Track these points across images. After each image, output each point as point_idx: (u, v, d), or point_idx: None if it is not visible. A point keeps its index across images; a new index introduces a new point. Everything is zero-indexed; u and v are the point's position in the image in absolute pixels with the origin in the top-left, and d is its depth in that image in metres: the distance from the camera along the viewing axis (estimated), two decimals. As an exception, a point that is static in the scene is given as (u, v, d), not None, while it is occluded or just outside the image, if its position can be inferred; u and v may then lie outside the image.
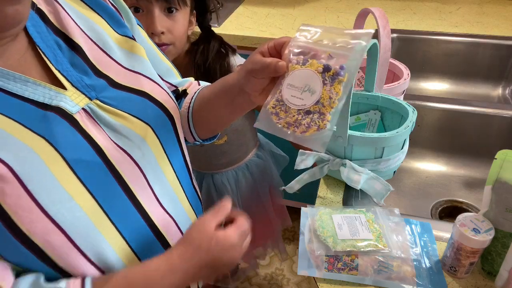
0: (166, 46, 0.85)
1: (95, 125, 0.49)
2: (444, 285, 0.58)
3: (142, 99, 0.55)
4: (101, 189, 0.47)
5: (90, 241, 0.46)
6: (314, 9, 1.57)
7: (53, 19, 0.50)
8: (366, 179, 0.71)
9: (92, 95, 0.49)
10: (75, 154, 0.45)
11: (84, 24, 0.53)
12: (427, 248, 0.64)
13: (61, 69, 0.48)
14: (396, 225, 0.66)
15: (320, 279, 0.61)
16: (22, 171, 0.41)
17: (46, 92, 0.46)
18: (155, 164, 0.55)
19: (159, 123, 0.56)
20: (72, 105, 0.47)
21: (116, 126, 0.50)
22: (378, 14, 0.80)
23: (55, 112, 0.45)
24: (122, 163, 0.50)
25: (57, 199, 0.43)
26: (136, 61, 0.57)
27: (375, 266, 0.59)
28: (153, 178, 0.54)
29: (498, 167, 0.56)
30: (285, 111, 0.47)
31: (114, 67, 0.54)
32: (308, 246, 0.64)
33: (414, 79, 1.33)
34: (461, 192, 0.97)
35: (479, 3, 1.54)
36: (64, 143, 0.45)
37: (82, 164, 0.46)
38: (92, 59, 0.52)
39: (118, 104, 0.51)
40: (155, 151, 0.55)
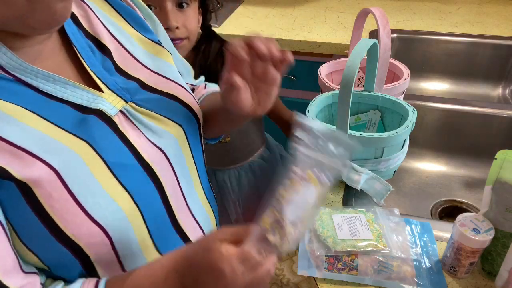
0: (181, 41, 0.87)
1: (133, 127, 0.50)
2: (444, 285, 0.58)
3: (174, 103, 0.56)
4: (139, 192, 0.48)
5: (128, 243, 0.47)
6: (314, 9, 1.57)
7: (84, 22, 0.51)
8: (366, 179, 0.71)
9: (127, 97, 0.50)
10: (115, 157, 0.46)
11: (112, 27, 0.54)
12: (427, 248, 0.64)
13: (96, 71, 0.48)
14: (396, 225, 0.66)
15: (320, 279, 0.61)
16: (67, 175, 0.41)
17: (84, 94, 0.46)
18: (184, 163, 0.56)
19: (189, 124, 0.58)
20: (110, 108, 0.47)
21: (152, 127, 0.51)
22: (378, 14, 0.80)
23: (94, 115, 0.46)
24: (158, 163, 0.51)
25: (101, 202, 0.43)
26: (163, 66, 0.58)
27: (375, 266, 0.59)
28: (181, 176, 0.55)
29: (498, 167, 0.56)
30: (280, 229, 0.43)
31: (143, 71, 0.54)
32: (308, 246, 0.64)
33: (414, 79, 1.34)
34: (461, 192, 0.97)
35: (479, 3, 1.54)
36: (105, 146, 0.45)
37: (122, 167, 0.46)
38: (120, 63, 0.52)
39: (151, 106, 0.52)
40: (184, 150, 0.57)
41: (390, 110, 0.81)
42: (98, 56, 0.50)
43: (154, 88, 0.54)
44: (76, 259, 0.44)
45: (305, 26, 1.41)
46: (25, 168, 0.39)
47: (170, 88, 0.56)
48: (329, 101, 0.83)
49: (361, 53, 0.66)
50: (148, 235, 0.50)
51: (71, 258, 0.43)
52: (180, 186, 0.55)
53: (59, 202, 0.40)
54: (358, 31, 0.94)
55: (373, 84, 0.80)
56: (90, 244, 0.43)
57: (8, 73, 0.42)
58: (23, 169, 0.39)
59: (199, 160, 0.61)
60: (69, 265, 0.44)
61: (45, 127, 0.42)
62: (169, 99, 0.55)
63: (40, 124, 0.42)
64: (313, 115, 0.76)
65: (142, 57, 0.56)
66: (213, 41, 0.97)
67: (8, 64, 0.41)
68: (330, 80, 0.98)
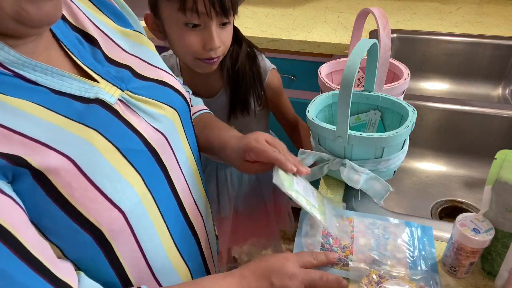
0: (218, 58, 0.83)
1: (134, 114, 0.51)
2: (439, 282, 0.58)
3: (166, 88, 0.58)
4: (150, 175, 0.50)
5: (145, 227, 0.49)
6: (314, 9, 1.57)
7: (69, 16, 0.51)
8: (366, 179, 0.71)
9: (123, 86, 0.51)
10: (125, 143, 0.47)
11: (95, 20, 0.54)
12: (425, 250, 0.63)
13: (88, 63, 0.49)
14: (395, 227, 0.66)
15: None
16: (84, 163, 0.42)
17: (82, 85, 0.46)
18: (181, 146, 0.60)
19: (182, 109, 0.61)
20: (109, 96, 0.48)
21: (150, 113, 0.53)
22: (378, 14, 0.80)
23: (96, 104, 0.47)
24: (161, 147, 0.53)
25: (118, 187, 0.44)
26: (148, 54, 0.59)
27: (369, 262, 0.60)
28: (180, 159, 0.59)
29: (498, 167, 0.56)
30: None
31: (130, 59, 0.56)
32: (304, 240, 0.64)
33: (414, 79, 1.34)
34: (461, 192, 0.97)
35: (479, 3, 1.54)
36: (114, 133, 0.46)
37: (133, 152, 0.48)
38: (108, 52, 0.53)
39: (146, 93, 0.54)
40: (180, 133, 0.60)
41: (390, 110, 0.81)
42: (87, 48, 0.51)
43: (144, 76, 0.56)
44: (99, 247, 0.44)
45: (305, 26, 1.41)
46: (42, 158, 0.40)
47: (159, 75, 0.58)
48: (329, 101, 0.83)
49: (361, 53, 0.66)
50: (161, 218, 0.52)
51: (94, 247, 0.44)
52: (181, 169, 0.58)
53: (79, 190, 0.41)
54: (358, 31, 0.94)
55: (373, 84, 0.80)
56: (112, 230, 0.44)
57: (6, 68, 0.41)
58: (40, 159, 0.40)
59: (193, 142, 0.64)
60: (93, 255, 0.45)
61: (55, 119, 0.42)
62: (160, 85, 0.58)
63: (50, 115, 0.42)
64: (313, 115, 0.76)
65: (126, 46, 0.57)
66: (242, 44, 0.94)
67: (6, 60, 0.41)
68: (330, 80, 0.98)
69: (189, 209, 0.60)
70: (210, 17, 0.76)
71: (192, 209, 0.61)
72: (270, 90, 0.99)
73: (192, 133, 0.66)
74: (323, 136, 0.74)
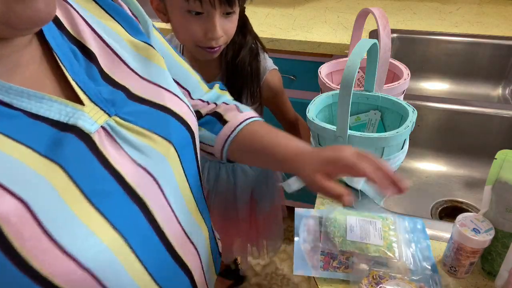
0: (219, 48, 0.82)
1: (115, 145, 0.44)
2: (439, 282, 0.58)
3: (164, 115, 0.50)
4: (123, 219, 0.43)
5: (116, 277, 0.43)
6: (314, 9, 1.57)
7: (67, 24, 0.46)
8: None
9: (111, 111, 0.45)
10: (92, 183, 0.41)
11: (99, 27, 0.49)
12: (421, 245, 0.64)
13: (79, 80, 0.43)
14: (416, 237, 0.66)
15: (320, 278, 0.61)
16: (39, 207, 0.36)
17: (63, 108, 0.41)
18: (174, 183, 0.51)
19: (182, 141, 0.52)
20: (90, 123, 0.42)
21: (137, 145, 0.46)
22: (378, 14, 0.80)
23: (71, 132, 0.41)
24: (143, 186, 0.46)
25: (78, 236, 0.39)
26: (155, 71, 0.52)
27: (369, 263, 0.60)
28: (172, 197, 0.51)
29: (498, 167, 0.56)
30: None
31: (131, 77, 0.49)
32: (303, 246, 0.64)
33: (414, 79, 1.34)
34: (461, 192, 0.97)
35: (479, 3, 1.54)
36: (80, 170, 0.40)
37: (100, 194, 0.41)
38: (106, 67, 0.47)
39: (138, 120, 0.47)
40: (175, 168, 0.51)
41: (390, 110, 0.81)
42: (82, 62, 0.46)
43: (142, 98, 0.49)
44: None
45: (305, 26, 1.41)
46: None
47: (161, 98, 0.51)
48: (329, 101, 0.83)
49: (361, 53, 0.66)
50: (140, 266, 0.46)
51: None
52: (172, 209, 0.51)
53: (31, 240, 0.36)
54: (358, 31, 0.94)
55: (373, 84, 0.80)
56: (71, 281, 0.38)
57: None
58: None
59: (192, 176, 0.56)
60: None
61: (18, 152, 0.37)
62: (159, 110, 0.50)
63: (13, 148, 0.37)
64: (313, 115, 0.76)
65: (131, 60, 0.50)
66: (247, 37, 0.91)
67: None
68: (330, 80, 0.98)
69: (183, 252, 0.52)
70: (213, 6, 0.74)
71: (187, 251, 0.53)
72: (268, 90, 0.98)
73: (194, 166, 0.56)
74: (323, 136, 0.74)
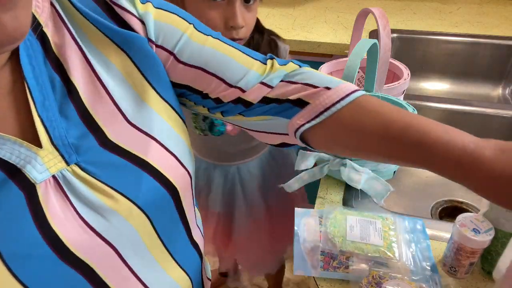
0: (240, 41, 0.75)
1: (62, 201, 0.37)
2: (439, 282, 0.58)
3: (138, 171, 0.41)
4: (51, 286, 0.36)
5: None
6: (314, 9, 1.57)
7: (55, 48, 0.39)
8: (366, 179, 0.71)
9: (72, 159, 0.38)
10: (16, 246, 0.34)
11: (95, 58, 0.41)
12: (421, 245, 0.64)
13: (46, 117, 0.37)
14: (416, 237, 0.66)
15: (320, 278, 0.61)
16: None
17: (16, 148, 0.35)
18: (152, 260, 0.43)
19: (153, 201, 0.42)
20: (40, 171, 0.36)
21: (95, 205, 0.38)
22: (378, 14, 0.80)
23: (15, 180, 0.35)
24: (98, 258, 0.38)
25: None
26: (149, 116, 0.43)
27: (369, 263, 0.60)
28: (132, 257, 0.41)
29: (498, 167, 0.56)
30: None
31: (115, 119, 0.41)
32: (303, 246, 0.64)
33: (414, 79, 1.34)
34: (461, 192, 0.97)
35: (479, 3, 1.54)
36: (6, 232, 0.34)
37: (22, 259, 0.34)
38: (88, 103, 0.40)
39: (102, 174, 0.39)
40: (140, 229, 0.41)
41: (390, 110, 0.81)
42: (58, 95, 0.39)
43: (118, 146, 0.40)
44: None
45: (305, 26, 1.41)
46: None
47: (144, 149, 0.41)
48: (329, 101, 0.83)
49: (361, 53, 0.66)
50: None
51: None
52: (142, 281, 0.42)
53: None
54: (358, 31, 0.94)
55: (373, 84, 0.80)
56: None
57: None
58: None
59: (181, 251, 0.47)
60: None
61: None
62: (133, 164, 0.40)
63: None
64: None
65: (124, 100, 0.42)
66: (264, 33, 0.87)
67: None
68: (330, 80, 0.98)
69: None
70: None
71: None
72: None
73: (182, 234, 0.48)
74: (323, 136, 0.74)
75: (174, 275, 0.46)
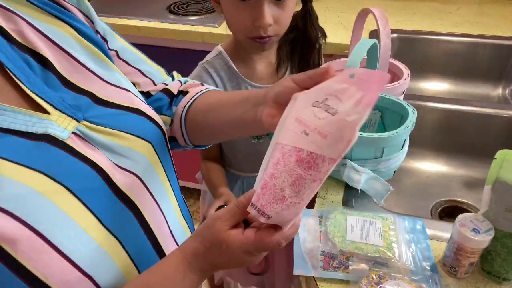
0: (270, 38, 0.76)
1: (93, 148, 0.43)
2: (439, 282, 0.58)
3: (138, 117, 0.50)
4: (112, 217, 0.43)
5: (109, 274, 0.42)
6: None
7: (15, 34, 0.43)
8: (366, 179, 0.71)
9: (79, 116, 0.44)
10: (80, 183, 0.41)
11: (52, 34, 0.46)
12: (421, 245, 0.64)
13: (38, 91, 0.42)
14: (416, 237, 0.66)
15: (320, 278, 0.61)
16: (26, 214, 0.36)
17: (28, 119, 0.39)
18: (160, 183, 0.52)
19: (158, 140, 0.52)
20: (60, 131, 0.41)
21: (114, 147, 0.45)
22: (378, 14, 0.80)
23: (44, 141, 0.40)
24: (130, 188, 0.46)
25: (71, 234, 0.39)
26: (115, 74, 0.51)
27: (369, 263, 0.60)
28: (159, 196, 0.51)
29: (498, 167, 0.56)
30: None
31: (95, 82, 0.48)
32: (303, 246, 0.64)
33: (414, 79, 1.33)
34: (461, 192, 0.98)
35: (479, 3, 1.54)
36: (65, 173, 0.40)
37: (89, 193, 0.41)
38: (66, 73, 0.45)
39: (111, 123, 0.46)
40: (157, 169, 0.51)
41: (390, 110, 0.81)
42: (38, 72, 0.43)
43: (109, 101, 0.48)
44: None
45: (305, 26, 1.41)
46: None
47: (131, 101, 0.50)
48: (329, 101, 0.83)
49: (361, 53, 0.66)
50: (131, 263, 0.46)
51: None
52: (160, 208, 0.51)
53: (23, 243, 0.35)
54: (358, 31, 0.94)
55: (373, 84, 0.80)
56: (65, 282, 0.38)
57: None
58: None
59: (171, 175, 0.56)
60: None
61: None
62: (130, 113, 0.49)
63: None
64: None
65: (92, 64, 0.49)
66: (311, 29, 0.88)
67: None
68: (330, 80, 0.98)
69: (168, 250, 0.51)
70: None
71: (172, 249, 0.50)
72: None
73: (170, 164, 0.57)
74: (323, 136, 0.74)
75: (170, 195, 0.55)
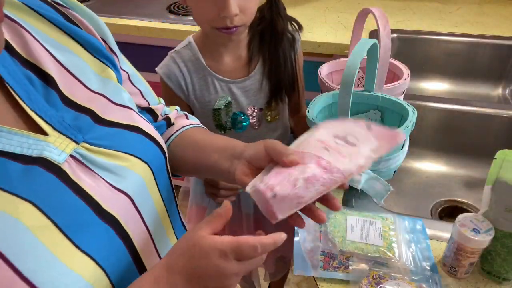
0: (236, 29, 0.75)
1: (89, 173, 0.41)
2: (439, 282, 0.59)
3: (135, 134, 0.48)
4: (103, 251, 0.40)
5: None
6: (314, 9, 1.57)
7: (19, 48, 0.42)
8: (366, 179, 0.71)
9: (79, 138, 0.42)
10: (68, 217, 0.38)
11: (55, 49, 0.45)
12: (421, 245, 0.64)
13: (38, 109, 0.40)
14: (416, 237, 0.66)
15: (320, 278, 0.61)
16: (7, 249, 0.33)
17: (24, 140, 0.38)
18: (152, 206, 0.49)
19: (155, 159, 0.50)
20: (57, 153, 0.39)
21: (112, 168, 0.44)
22: (378, 14, 0.80)
23: (38, 165, 0.38)
24: (123, 212, 0.43)
25: (54, 275, 0.36)
26: (114, 89, 0.50)
27: (369, 263, 0.60)
28: (150, 222, 0.48)
29: (498, 167, 0.56)
30: None
31: (95, 100, 0.46)
32: (303, 246, 0.64)
33: (414, 79, 1.33)
34: (461, 192, 0.98)
35: (479, 3, 1.54)
36: (53, 204, 0.38)
37: (78, 227, 0.39)
38: (67, 91, 0.44)
39: (110, 143, 0.45)
40: (152, 191, 0.49)
41: (390, 110, 0.81)
42: (39, 88, 0.42)
43: (109, 120, 0.46)
44: None
45: (305, 26, 1.41)
46: None
47: (132, 119, 0.49)
48: (329, 101, 0.83)
49: (361, 53, 0.66)
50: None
51: None
52: (150, 235, 0.48)
53: (3, 283, 0.33)
54: (358, 31, 0.95)
55: (373, 84, 0.80)
56: None
57: None
58: None
59: (169, 200, 0.54)
60: None
61: None
62: (129, 131, 0.48)
63: None
64: (313, 115, 0.76)
65: (94, 81, 0.47)
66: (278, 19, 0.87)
67: None
68: (330, 80, 0.98)
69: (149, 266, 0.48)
70: None
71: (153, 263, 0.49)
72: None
73: (169, 187, 0.55)
74: (323, 136, 0.74)
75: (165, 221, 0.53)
